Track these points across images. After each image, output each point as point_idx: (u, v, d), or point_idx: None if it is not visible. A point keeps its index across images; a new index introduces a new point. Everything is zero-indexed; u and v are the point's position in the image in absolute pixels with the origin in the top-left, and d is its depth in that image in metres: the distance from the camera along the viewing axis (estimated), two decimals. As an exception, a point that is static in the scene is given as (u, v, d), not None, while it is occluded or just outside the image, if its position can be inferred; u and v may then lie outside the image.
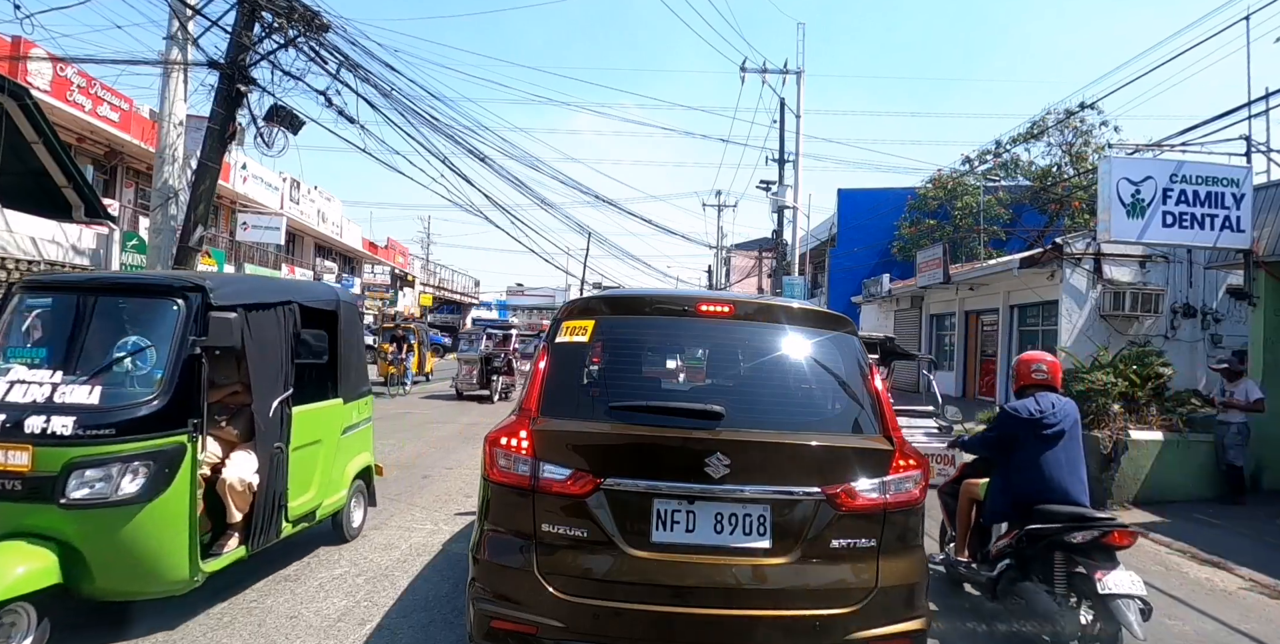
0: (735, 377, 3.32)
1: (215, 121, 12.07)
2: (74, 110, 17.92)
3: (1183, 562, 6.31)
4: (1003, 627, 4.17)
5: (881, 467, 2.91)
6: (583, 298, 3.64)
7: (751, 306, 3.36)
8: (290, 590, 4.43)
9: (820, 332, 3.26)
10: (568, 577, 2.76)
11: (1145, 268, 14.89)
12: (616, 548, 2.77)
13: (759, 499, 2.82)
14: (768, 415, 3.02)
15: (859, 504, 2.85)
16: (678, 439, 2.84)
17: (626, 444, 2.92)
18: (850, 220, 28.86)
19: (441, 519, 6.28)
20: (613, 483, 2.80)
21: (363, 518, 5.74)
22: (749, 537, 2.80)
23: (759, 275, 39.03)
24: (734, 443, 2.82)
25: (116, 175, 21.97)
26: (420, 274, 55.69)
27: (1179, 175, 8.83)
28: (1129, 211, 8.76)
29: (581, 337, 3.14)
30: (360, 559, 5.08)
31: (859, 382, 3.17)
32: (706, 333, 3.38)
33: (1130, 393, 8.61)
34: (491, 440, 2.96)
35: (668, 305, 3.34)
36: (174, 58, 12.58)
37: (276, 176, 29.55)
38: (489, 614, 2.80)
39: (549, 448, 2.86)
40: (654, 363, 3.75)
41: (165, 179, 12.89)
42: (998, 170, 25.41)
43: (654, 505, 2.81)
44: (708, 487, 2.79)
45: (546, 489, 2.82)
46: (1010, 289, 17.05)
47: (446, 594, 4.49)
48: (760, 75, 26.24)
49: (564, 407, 3.01)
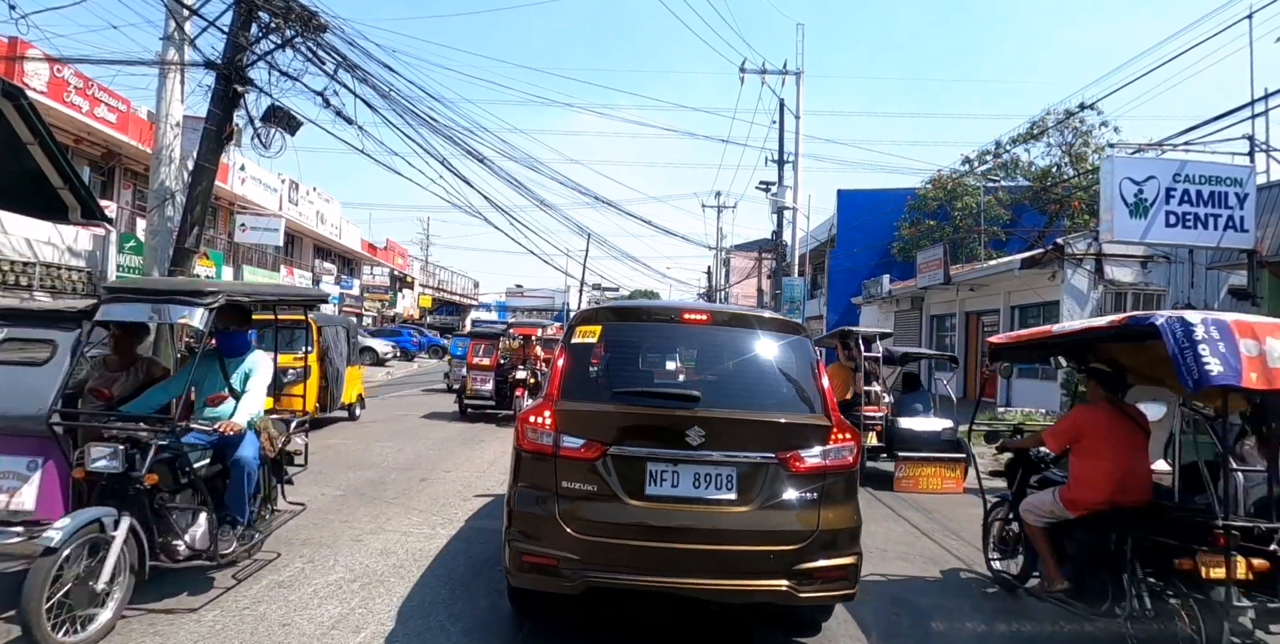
0: (712, 370, 4.11)
1: (212, 122, 11.99)
2: (71, 111, 17.84)
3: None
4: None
5: (823, 438, 3.72)
6: (591, 308, 4.50)
7: (725, 315, 4.25)
8: (284, 597, 4.36)
9: (781, 335, 4.07)
10: (582, 521, 3.54)
11: (1147, 268, 14.83)
12: (619, 500, 3.57)
13: (727, 462, 3.63)
14: (735, 398, 3.86)
15: (805, 467, 3.65)
16: (665, 416, 3.66)
17: (627, 420, 3.70)
18: (850, 221, 28.79)
19: (439, 523, 6.20)
20: (616, 450, 3.61)
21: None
22: (719, 491, 3.62)
23: (758, 276, 38.95)
24: (708, 419, 3.61)
25: (114, 177, 21.88)
26: (419, 276, 55.59)
27: (1182, 175, 8.77)
28: (1132, 211, 8.71)
29: (591, 338, 3.97)
30: (356, 565, 5.00)
31: (809, 374, 3.97)
32: (689, 335, 4.16)
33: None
34: (523, 419, 3.80)
35: (659, 314, 4.31)
36: (170, 58, 12.52)
37: (275, 178, 29.44)
38: (522, 550, 3.58)
39: (567, 423, 3.66)
40: (648, 358, 4.31)
41: (162, 180, 12.82)
42: (997, 171, 25.35)
43: (648, 467, 3.62)
44: (689, 452, 3.59)
45: (565, 454, 3.62)
46: (1011, 290, 16.99)
47: (444, 600, 4.42)
48: (759, 76, 26.21)
49: (578, 392, 3.82)
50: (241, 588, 4.46)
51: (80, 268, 14.34)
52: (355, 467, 8.53)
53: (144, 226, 14.74)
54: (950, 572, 5.58)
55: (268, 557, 4.95)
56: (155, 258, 12.86)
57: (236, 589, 4.43)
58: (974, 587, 5.29)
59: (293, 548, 5.31)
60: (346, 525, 6.02)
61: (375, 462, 8.96)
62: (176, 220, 12.58)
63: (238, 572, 4.61)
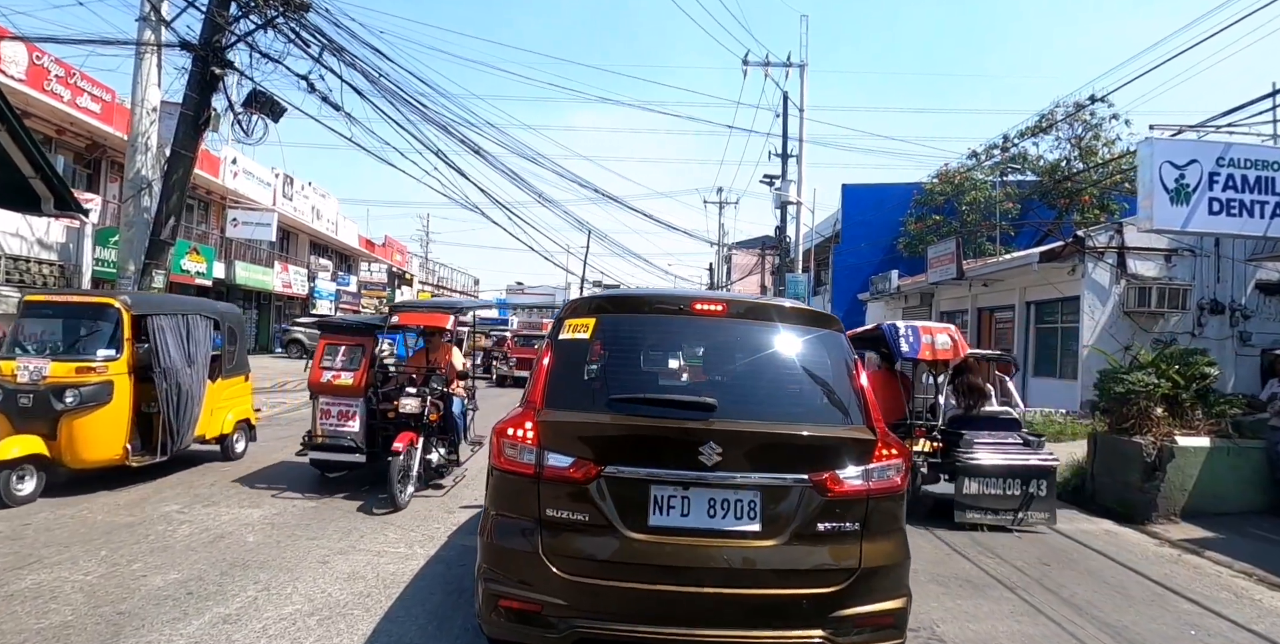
0: (728, 371, 3.43)
1: (189, 107, 11.35)
2: (52, 101, 17.21)
3: (1251, 586, 5.63)
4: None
5: (865, 455, 3.05)
6: (584, 297, 3.81)
7: (743, 305, 3.51)
8: (227, 636, 3.74)
9: (809, 329, 3.40)
10: (570, 558, 2.91)
11: (1171, 262, 14.19)
12: (616, 531, 2.92)
13: (749, 485, 2.97)
14: (758, 407, 3.16)
15: (844, 490, 3.00)
16: (673, 429, 3.00)
17: (626, 434, 3.05)
18: (855, 217, 28.28)
19: (418, 540, 5.57)
20: (613, 470, 2.96)
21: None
22: (740, 520, 2.96)
23: (761, 273, 38.39)
24: (726, 433, 2.97)
25: (100, 169, 21.21)
26: (419, 272, 55.00)
27: (1226, 159, 8.13)
28: (1172, 198, 8.06)
29: (583, 334, 3.30)
30: (317, 593, 4.38)
31: (845, 376, 3.31)
32: (701, 330, 3.49)
33: (1174, 395, 7.91)
34: (499, 431, 3.11)
35: (664, 304, 3.50)
36: (147, 40, 11.87)
37: (269, 172, 28.82)
38: (496, 593, 2.95)
39: (553, 437, 3.01)
40: (651, 358, 3.63)
41: (138, 169, 12.18)
42: (1005, 165, 24.73)
43: (651, 491, 2.97)
44: (701, 474, 2.94)
45: (550, 476, 2.97)
46: (1027, 285, 16.36)
47: (412, 638, 3.80)
48: (763, 68, 25.60)
49: (567, 399, 3.16)
50: (180, 622, 3.85)
51: (52, 261, 13.68)
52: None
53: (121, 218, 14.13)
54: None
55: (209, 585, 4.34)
56: (131, 251, 12.24)
57: (175, 624, 3.82)
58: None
59: (248, 572, 4.69)
60: (314, 543, 5.39)
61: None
62: (154, 211, 11.96)
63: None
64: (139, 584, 4.41)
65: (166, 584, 4.43)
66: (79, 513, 5.97)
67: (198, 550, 5.10)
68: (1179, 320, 14.03)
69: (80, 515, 5.90)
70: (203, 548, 5.17)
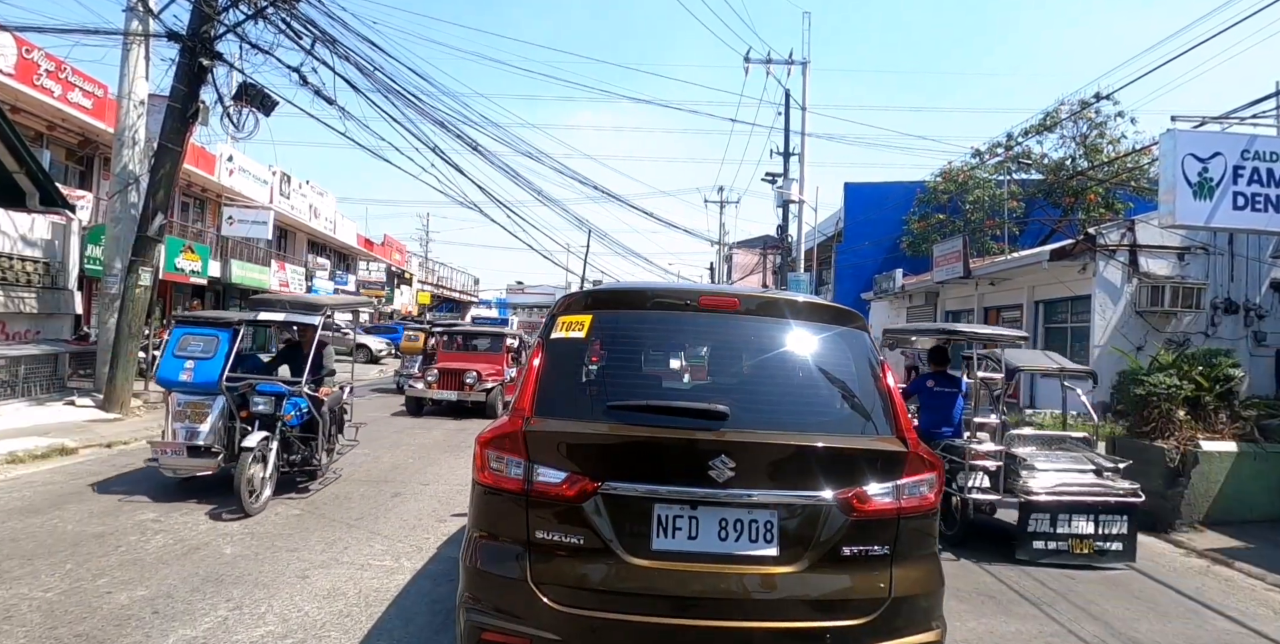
0: (740, 374, 3.10)
1: (176, 99, 11.02)
2: (43, 96, 16.82)
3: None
4: None
5: (894, 470, 2.73)
6: (580, 291, 3.42)
7: (757, 300, 3.11)
8: (191, 661, 3.43)
9: (830, 327, 3.06)
10: (563, 586, 2.59)
11: (1184, 260, 13.88)
12: (615, 556, 2.61)
13: (766, 504, 2.66)
14: (775, 415, 2.84)
15: (871, 509, 2.68)
16: (680, 440, 2.67)
17: (625, 446, 2.74)
18: (857, 215, 27.99)
19: (404, 553, 5.26)
20: (611, 487, 2.64)
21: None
22: (755, 544, 2.64)
23: (762, 272, 38.09)
24: (739, 445, 2.65)
25: (92, 166, 20.86)
26: (418, 272, 54.63)
27: (1251, 152, 7.80)
28: (1196, 192, 7.73)
29: (578, 332, 2.96)
30: (292, 613, 4.07)
31: (870, 380, 2.97)
32: (710, 328, 3.12)
33: (1197, 398, 7.60)
34: (483, 442, 2.78)
35: (669, 299, 3.14)
36: (134, 31, 11.56)
37: (266, 170, 28.48)
38: (479, 626, 2.63)
39: (543, 449, 2.69)
40: (654, 360, 3.29)
41: (125, 163, 11.88)
42: (1009, 163, 24.42)
43: (654, 511, 2.65)
44: (711, 491, 2.63)
45: (540, 493, 2.66)
46: (1035, 283, 16.05)
47: (394, 665, 3.49)
48: (764, 66, 25.27)
49: (559, 406, 2.82)
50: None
51: (36, 258, 13.35)
52: (321, 478, 7.57)
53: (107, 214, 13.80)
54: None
55: (177, 602, 4.02)
56: (118, 247, 11.93)
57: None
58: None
59: (221, 588, 4.38)
60: (294, 555, 5.08)
61: (345, 472, 8.01)
62: (141, 207, 11.65)
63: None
64: (102, 602, 4.10)
65: (132, 602, 4.12)
66: (48, 522, 5.66)
67: (170, 564, 4.79)
68: (1192, 320, 13.73)
69: (50, 525, 5.59)
70: (175, 561, 4.85)
